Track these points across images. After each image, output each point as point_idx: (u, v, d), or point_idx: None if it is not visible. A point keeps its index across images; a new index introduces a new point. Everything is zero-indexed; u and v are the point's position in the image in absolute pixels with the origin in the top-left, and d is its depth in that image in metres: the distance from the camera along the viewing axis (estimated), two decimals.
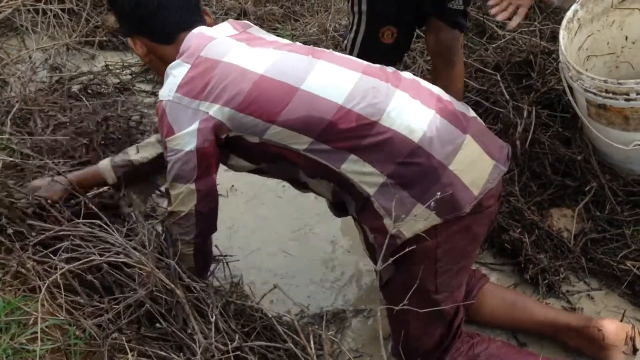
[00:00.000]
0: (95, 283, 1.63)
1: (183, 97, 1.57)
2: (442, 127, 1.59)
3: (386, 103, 1.58)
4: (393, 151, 1.56)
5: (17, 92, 2.69)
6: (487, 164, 1.63)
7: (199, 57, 1.60)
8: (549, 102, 2.49)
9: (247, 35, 1.72)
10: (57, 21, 3.23)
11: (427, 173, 1.56)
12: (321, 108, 1.56)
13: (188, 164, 1.58)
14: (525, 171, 2.31)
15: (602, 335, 1.79)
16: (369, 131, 1.56)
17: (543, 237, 2.16)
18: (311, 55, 1.65)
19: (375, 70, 1.66)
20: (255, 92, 1.55)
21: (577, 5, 2.28)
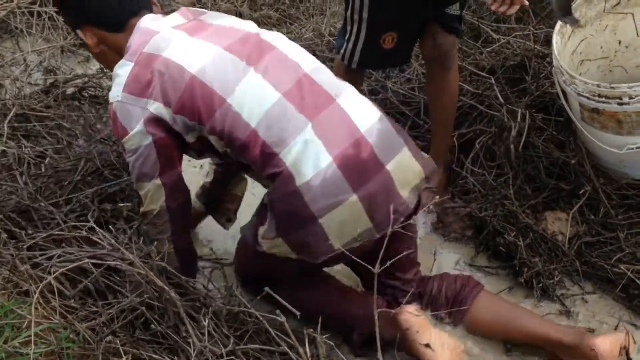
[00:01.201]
0: (89, 287, 1.62)
1: (129, 95, 1.60)
2: (330, 180, 1.59)
3: (291, 137, 1.60)
4: (279, 186, 1.61)
5: (12, 95, 2.69)
6: (362, 224, 1.64)
7: (142, 53, 1.62)
8: (544, 105, 2.49)
9: (194, 24, 1.71)
10: (51, 23, 3.23)
11: (297, 217, 1.61)
12: (240, 127, 1.60)
13: (149, 159, 1.62)
14: (520, 174, 2.31)
15: (595, 354, 1.73)
16: (270, 161, 1.61)
17: (537, 240, 2.16)
18: (248, 59, 1.64)
19: (298, 93, 1.63)
20: (187, 94, 1.59)
21: None
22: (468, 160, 2.41)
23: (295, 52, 1.72)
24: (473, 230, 2.30)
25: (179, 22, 1.70)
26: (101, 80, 2.94)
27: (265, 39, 1.71)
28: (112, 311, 1.54)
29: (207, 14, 1.77)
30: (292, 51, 1.72)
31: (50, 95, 2.74)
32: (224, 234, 2.23)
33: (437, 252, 2.23)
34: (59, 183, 2.08)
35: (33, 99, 2.69)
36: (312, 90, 1.65)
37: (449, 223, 2.32)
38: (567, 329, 1.86)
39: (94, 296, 1.63)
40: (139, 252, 1.62)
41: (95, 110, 2.73)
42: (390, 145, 1.69)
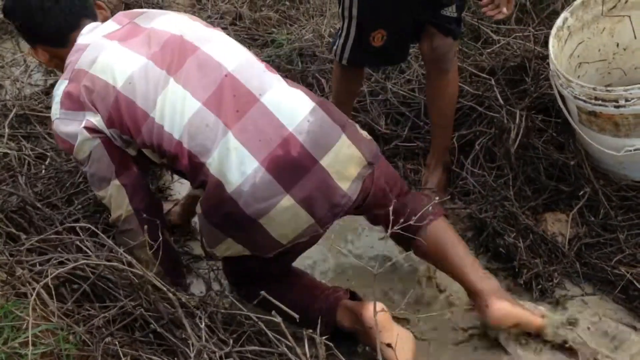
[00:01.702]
0: (87, 290, 1.62)
1: (67, 111, 1.66)
2: (261, 184, 1.58)
3: (214, 146, 1.59)
4: (209, 195, 1.61)
5: (12, 96, 2.69)
6: (302, 221, 1.64)
7: (74, 70, 1.67)
8: (544, 106, 2.50)
9: (126, 30, 1.72)
10: None
11: (236, 220, 1.61)
12: (165, 139, 1.61)
13: (102, 162, 1.66)
14: (520, 176, 2.32)
15: (486, 310, 1.78)
16: (199, 170, 1.62)
17: (537, 241, 2.16)
18: (169, 68, 1.64)
19: (218, 99, 1.61)
20: (115, 111, 1.62)
21: (566, 13, 2.29)
22: (468, 162, 2.41)
23: (221, 50, 1.69)
24: (473, 231, 2.30)
25: (111, 30, 1.72)
26: None
27: (189, 39, 1.69)
28: (110, 314, 1.54)
29: (143, 15, 1.77)
30: (216, 50, 1.68)
31: (51, 96, 2.74)
32: None
33: None
34: (59, 184, 2.08)
35: (33, 100, 2.70)
36: (234, 93, 1.63)
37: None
38: (487, 281, 1.84)
39: (92, 299, 1.63)
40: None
41: None
42: (325, 137, 1.65)
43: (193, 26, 1.74)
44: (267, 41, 3.25)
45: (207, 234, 1.69)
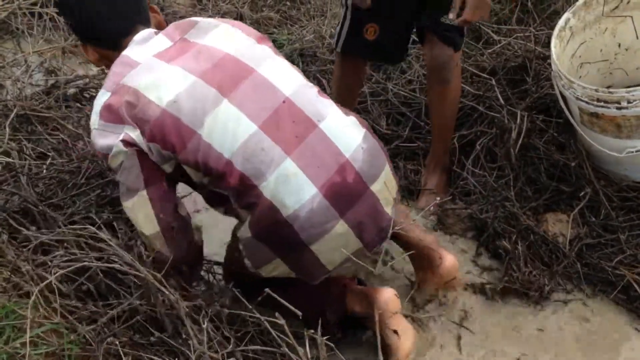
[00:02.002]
0: (90, 288, 1.62)
1: (106, 123, 1.63)
2: (317, 209, 1.60)
3: (270, 170, 1.59)
4: (261, 217, 1.61)
5: (13, 96, 2.69)
6: (352, 246, 1.68)
7: (118, 84, 1.65)
8: (545, 107, 2.50)
9: (176, 48, 1.70)
10: (53, 24, 3.24)
11: (289, 243, 1.63)
12: (212, 158, 1.60)
13: (132, 172, 1.63)
14: (521, 176, 2.32)
15: (440, 263, 1.96)
16: (250, 192, 1.61)
17: (538, 242, 2.16)
18: (222, 88, 1.62)
19: (276, 123, 1.62)
20: (158, 127, 1.60)
21: (568, 14, 2.29)
22: (469, 162, 2.41)
23: (278, 73, 1.70)
24: (474, 231, 2.30)
25: (162, 48, 1.70)
26: (102, 81, 2.94)
27: (245, 61, 1.68)
28: (113, 312, 1.54)
29: (195, 28, 1.74)
30: (272, 73, 1.69)
31: (52, 96, 2.74)
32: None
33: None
34: (61, 184, 2.08)
35: (34, 100, 2.70)
36: (292, 118, 1.64)
37: (449, 225, 2.32)
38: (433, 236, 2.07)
39: (95, 297, 1.63)
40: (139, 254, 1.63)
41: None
42: (375, 164, 1.70)
43: (247, 43, 1.73)
44: None
45: (255, 254, 1.69)
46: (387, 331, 1.80)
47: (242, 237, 1.69)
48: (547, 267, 2.13)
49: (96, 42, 1.76)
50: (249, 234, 1.66)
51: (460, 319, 2.01)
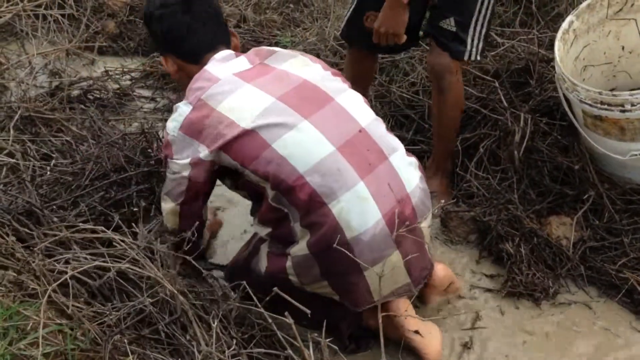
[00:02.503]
0: (95, 286, 1.63)
1: (185, 135, 1.74)
2: (378, 235, 1.67)
3: (342, 191, 1.66)
4: (326, 236, 1.66)
5: (17, 98, 2.70)
6: (401, 279, 1.76)
7: (200, 100, 1.74)
8: (548, 109, 2.50)
9: (256, 70, 1.79)
10: (57, 26, 3.25)
11: (343, 266, 1.67)
12: (284, 171, 1.66)
13: (179, 187, 1.77)
14: (524, 179, 2.32)
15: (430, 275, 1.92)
16: (317, 209, 1.66)
17: (542, 245, 2.16)
18: (301, 109, 1.71)
19: (352, 148, 1.70)
20: (234, 142, 1.70)
21: (572, 17, 2.30)
22: (472, 164, 2.41)
23: (354, 105, 1.79)
24: (477, 234, 2.30)
25: (242, 68, 1.79)
26: (106, 83, 2.95)
27: (324, 89, 1.77)
28: (120, 313, 1.54)
29: (273, 56, 1.84)
30: (349, 104, 1.78)
31: (56, 98, 2.75)
32: (241, 234, 2.25)
33: (440, 257, 2.23)
34: (64, 186, 2.08)
35: (38, 102, 2.70)
36: (367, 147, 1.72)
37: (452, 227, 2.32)
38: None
39: (101, 298, 1.64)
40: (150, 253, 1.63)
41: (100, 112, 2.73)
42: (426, 204, 1.81)
43: (324, 74, 1.82)
44: (271, 44, 3.25)
45: (306, 271, 1.73)
46: (408, 333, 1.82)
47: (295, 255, 1.72)
48: (551, 270, 2.13)
49: (180, 54, 1.86)
50: (305, 252, 1.70)
51: (466, 324, 2.00)
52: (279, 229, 1.75)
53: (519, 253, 2.13)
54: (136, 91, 3.00)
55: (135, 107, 2.89)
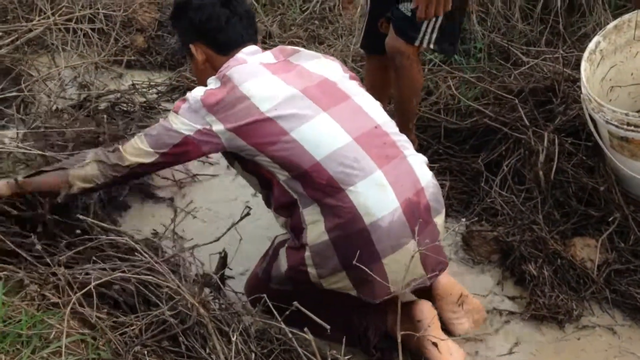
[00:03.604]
0: (119, 299, 1.64)
1: (199, 102, 1.78)
2: (396, 223, 1.71)
3: (360, 178, 1.71)
4: (345, 222, 1.70)
5: (44, 110, 2.75)
6: (417, 271, 1.77)
7: (225, 76, 1.81)
8: (574, 129, 2.48)
9: (280, 64, 1.87)
10: (86, 40, 3.30)
11: (362, 255, 1.67)
12: (301, 157, 1.72)
13: (170, 139, 1.77)
14: (549, 199, 2.29)
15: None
16: (334, 194, 1.71)
17: (566, 267, 2.13)
18: (321, 103, 1.77)
19: (369, 140, 1.76)
20: (253, 125, 1.74)
21: (599, 37, 2.29)
22: (496, 182, 2.40)
23: (369, 105, 1.86)
24: (499, 254, 2.28)
25: (268, 61, 1.88)
26: (133, 96, 3.00)
27: (342, 88, 1.85)
28: (141, 323, 1.55)
29: (297, 54, 1.93)
30: (365, 104, 1.85)
31: (83, 110, 2.80)
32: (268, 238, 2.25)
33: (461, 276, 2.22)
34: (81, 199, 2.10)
35: (66, 114, 2.75)
36: (383, 141, 1.78)
37: (474, 247, 2.30)
38: None
39: (123, 308, 1.65)
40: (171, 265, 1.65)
41: (126, 125, 2.77)
42: (439, 201, 1.84)
43: (343, 75, 1.90)
44: None
45: (324, 262, 1.74)
46: (426, 343, 1.82)
47: (313, 243, 1.74)
48: (575, 293, 2.10)
49: (212, 44, 1.93)
50: (325, 238, 1.72)
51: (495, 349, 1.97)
52: (293, 216, 1.78)
53: (542, 275, 2.11)
54: (162, 105, 3.03)
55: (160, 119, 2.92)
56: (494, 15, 3.03)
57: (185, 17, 1.97)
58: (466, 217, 2.32)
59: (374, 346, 1.86)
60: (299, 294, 1.78)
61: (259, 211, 2.14)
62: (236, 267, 2.07)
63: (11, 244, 1.74)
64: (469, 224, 2.31)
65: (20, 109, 2.78)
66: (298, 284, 1.81)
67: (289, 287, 1.84)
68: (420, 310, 1.84)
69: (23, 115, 2.72)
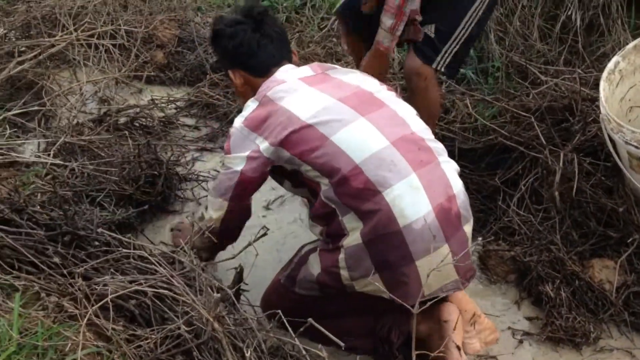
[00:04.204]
0: (135, 312, 1.65)
1: (245, 128, 1.86)
2: (429, 226, 1.73)
3: (395, 180, 1.73)
4: (380, 224, 1.72)
5: (65, 124, 2.79)
6: (450, 274, 1.79)
7: (265, 96, 1.89)
8: (592, 149, 2.46)
9: (318, 77, 1.94)
10: (108, 56, 3.36)
11: (396, 257, 1.72)
12: (340, 161, 1.75)
13: (229, 182, 1.86)
14: (567, 219, 2.27)
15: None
16: (370, 197, 1.73)
17: (583, 288, 2.11)
18: (359, 109, 1.82)
19: (405, 144, 1.79)
20: (295, 134, 1.80)
21: (618, 57, 2.28)
22: (513, 201, 2.38)
23: (405, 112, 1.90)
24: (516, 274, 2.26)
25: (305, 75, 1.95)
26: (152, 111, 3.03)
27: (379, 97, 1.90)
28: (156, 337, 1.56)
29: (335, 69, 2.00)
30: (402, 111, 1.89)
31: (103, 124, 2.84)
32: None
33: (477, 295, 2.20)
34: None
35: (86, 128, 2.79)
36: (418, 146, 1.81)
37: (491, 266, 2.28)
38: None
39: (138, 321, 1.66)
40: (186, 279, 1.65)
41: (144, 139, 2.80)
42: (468, 210, 1.85)
43: (378, 86, 1.95)
44: None
45: (357, 263, 1.76)
46: (450, 344, 1.82)
47: (348, 246, 1.76)
48: (593, 315, 2.07)
49: (248, 68, 2.02)
50: (358, 242, 1.74)
51: None
52: (331, 225, 1.80)
53: (560, 296, 2.08)
54: (180, 119, 3.07)
55: (178, 135, 2.95)
56: (512, 35, 3.03)
57: (220, 46, 2.07)
58: (483, 235, 2.30)
59: (397, 348, 1.86)
60: (322, 300, 1.85)
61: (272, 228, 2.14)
62: (252, 282, 2.07)
63: (31, 255, 1.75)
64: (485, 243, 2.29)
65: (41, 122, 2.83)
66: (327, 287, 1.83)
67: (315, 293, 1.86)
68: (447, 312, 1.84)
69: (44, 129, 2.77)
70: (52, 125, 2.86)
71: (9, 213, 1.82)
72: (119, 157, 2.50)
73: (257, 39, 1.99)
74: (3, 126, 2.66)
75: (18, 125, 2.79)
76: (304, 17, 3.66)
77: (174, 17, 3.67)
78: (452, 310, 1.85)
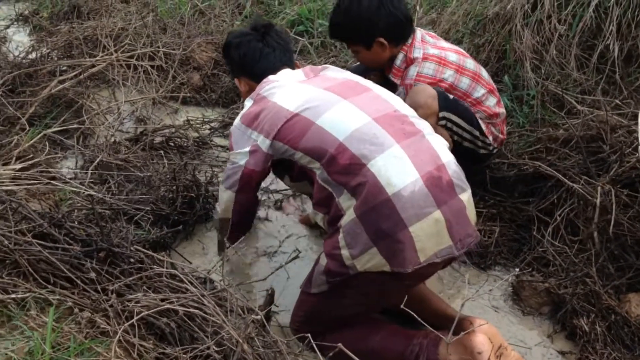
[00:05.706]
0: (164, 329, 1.65)
1: (242, 125, 2.01)
2: (418, 193, 1.76)
3: (379, 152, 1.78)
4: (368, 196, 1.76)
5: (102, 142, 2.85)
6: (444, 240, 1.79)
7: (259, 94, 2.03)
8: (630, 181, 2.41)
9: (309, 76, 2.06)
10: (146, 76, 3.43)
11: (389, 225, 1.74)
12: (327, 141, 1.83)
13: (234, 176, 2.00)
14: (603, 252, 2.22)
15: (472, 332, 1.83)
16: (357, 171, 1.78)
17: (620, 323, 2.05)
18: (342, 94, 1.92)
19: (388, 120, 1.86)
20: (285, 125, 1.91)
21: None
22: (548, 231, 2.34)
23: (387, 95, 1.99)
24: (550, 306, 2.21)
25: (299, 78, 2.07)
26: (187, 132, 3.08)
27: (364, 83, 2.02)
28: (187, 357, 1.56)
29: (326, 70, 2.12)
30: (384, 94, 1.99)
31: (140, 143, 2.89)
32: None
33: (509, 327, 2.15)
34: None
35: (123, 146, 2.84)
36: (401, 121, 1.87)
37: (525, 297, 2.24)
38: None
39: (168, 339, 1.66)
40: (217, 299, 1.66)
41: (179, 158, 2.84)
42: (463, 181, 1.87)
43: (367, 80, 2.07)
44: None
45: (355, 240, 1.78)
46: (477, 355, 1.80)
47: (345, 224, 1.80)
48: (629, 351, 2.01)
49: (251, 76, 2.19)
50: (352, 216, 1.78)
51: None
52: (330, 209, 1.84)
53: (595, 330, 2.03)
54: (214, 140, 3.11)
55: (212, 154, 2.99)
56: (548, 63, 3.01)
57: (229, 55, 2.26)
58: (517, 265, 2.26)
59: None
60: (335, 296, 1.88)
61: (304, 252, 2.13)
62: (282, 304, 2.07)
63: (67, 269, 1.78)
64: (519, 274, 2.25)
65: (79, 140, 2.90)
66: (333, 275, 1.84)
67: (324, 287, 1.88)
68: (481, 343, 1.81)
69: (82, 146, 2.83)
70: (89, 143, 2.92)
71: (47, 227, 1.86)
72: (157, 179, 2.53)
73: (260, 48, 2.17)
74: (43, 142, 2.73)
75: (57, 142, 2.86)
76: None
77: (211, 40, 3.74)
78: (485, 342, 1.82)
